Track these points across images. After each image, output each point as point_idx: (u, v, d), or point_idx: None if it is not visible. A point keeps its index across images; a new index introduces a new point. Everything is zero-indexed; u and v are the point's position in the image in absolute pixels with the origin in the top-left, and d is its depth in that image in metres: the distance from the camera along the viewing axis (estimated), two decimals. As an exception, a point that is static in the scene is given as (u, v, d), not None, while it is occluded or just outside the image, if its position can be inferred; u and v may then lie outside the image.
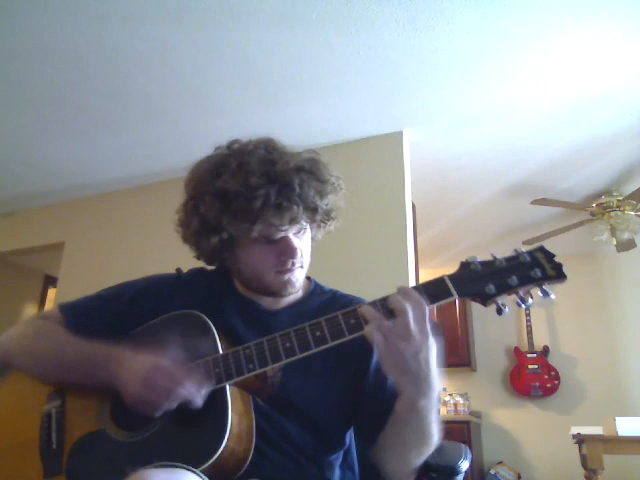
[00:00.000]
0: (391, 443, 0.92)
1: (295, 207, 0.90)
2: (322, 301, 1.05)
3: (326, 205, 0.96)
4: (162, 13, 2.06)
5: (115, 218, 3.57)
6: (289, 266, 0.95)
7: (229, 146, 0.99)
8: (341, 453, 1.00)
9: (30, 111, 2.71)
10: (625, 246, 3.89)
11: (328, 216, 1.01)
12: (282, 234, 0.93)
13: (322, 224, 1.03)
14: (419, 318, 0.79)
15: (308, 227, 0.99)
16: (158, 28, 2.14)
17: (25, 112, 2.72)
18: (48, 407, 0.94)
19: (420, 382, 0.81)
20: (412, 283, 2.67)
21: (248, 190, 0.88)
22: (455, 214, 3.98)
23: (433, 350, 0.81)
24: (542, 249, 0.86)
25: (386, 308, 0.81)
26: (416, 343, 0.78)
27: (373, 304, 0.83)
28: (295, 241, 0.94)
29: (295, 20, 2.09)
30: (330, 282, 1.12)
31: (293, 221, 0.91)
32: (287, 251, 0.93)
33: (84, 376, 0.93)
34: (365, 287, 1.20)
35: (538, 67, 2.38)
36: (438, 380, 0.84)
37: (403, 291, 0.81)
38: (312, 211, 0.94)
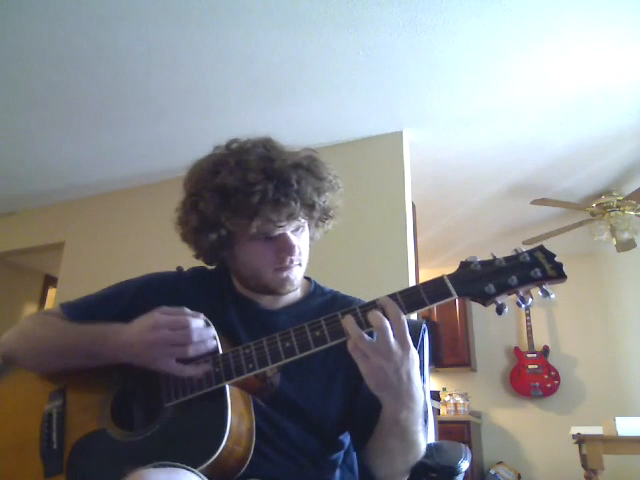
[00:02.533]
0: (378, 450, 0.92)
1: (293, 203, 0.90)
2: (322, 302, 1.05)
3: (324, 202, 0.97)
4: (162, 13, 2.06)
5: (115, 218, 3.57)
6: (287, 263, 0.95)
7: (228, 145, 0.99)
8: (341, 453, 0.99)
9: (30, 111, 2.72)
10: (625, 246, 3.89)
11: (326, 214, 1.01)
12: (280, 231, 0.93)
13: (320, 222, 1.03)
14: (399, 333, 0.80)
15: (306, 225, 0.99)
16: (158, 28, 2.14)
17: (25, 112, 2.73)
18: (49, 407, 0.94)
19: (402, 395, 0.82)
20: (412, 283, 2.67)
21: (246, 186, 0.89)
22: (455, 214, 3.98)
23: (415, 362, 0.82)
24: (542, 249, 0.86)
25: (367, 319, 0.82)
26: (397, 359, 0.79)
27: (354, 314, 0.83)
28: (293, 238, 0.94)
29: (296, 20, 2.10)
30: (330, 282, 1.13)
31: (291, 217, 0.92)
32: (285, 248, 0.94)
33: (87, 357, 0.93)
34: (365, 287, 1.20)
35: (538, 67, 2.38)
36: (421, 391, 0.85)
37: (382, 305, 0.82)
38: (310, 208, 0.94)
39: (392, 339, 0.79)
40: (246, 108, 2.68)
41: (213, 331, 0.87)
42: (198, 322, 0.86)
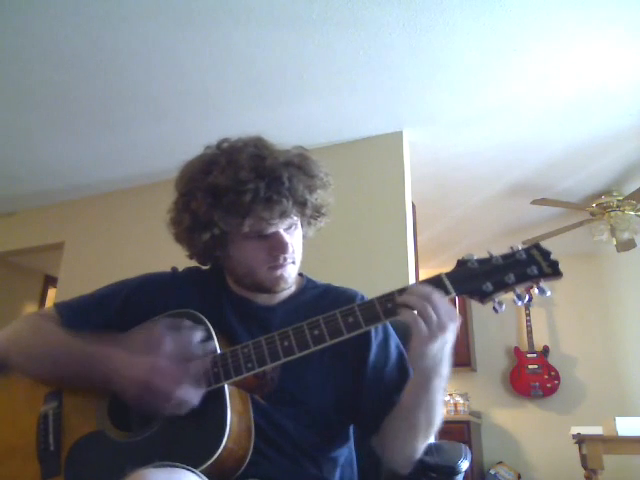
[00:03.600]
0: (397, 429, 0.92)
1: (285, 201, 0.90)
2: (315, 294, 1.06)
3: (315, 200, 0.97)
4: (162, 13, 2.06)
5: (115, 218, 3.57)
6: (281, 261, 0.95)
7: (219, 145, 1.00)
8: (342, 451, 1.00)
9: (30, 111, 2.71)
10: (625, 246, 3.89)
11: (318, 212, 1.02)
12: (273, 229, 0.94)
13: (312, 220, 1.03)
14: (448, 308, 0.82)
15: (299, 223, 1.00)
16: (158, 28, 2.14)
17: (25, 112, 2.72)
18: (45, 408, 0.94)
19: (440, 365, 0.85)
20: (412, 282, 2.66)
21: (238, 184, 0.89)
22: (455, 214, 3.98)
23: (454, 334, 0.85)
24: (538, 247, 0.86)
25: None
26: (449, 333, 0.82)
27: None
28: (286, 236, 0.95)
29: (295, 20, 2.09)
30: (330, 281, 1.12)
31: (283, 215, 0.92)
32: (278, 246, 0.94)
33: (80, 377, 0.92)
34: (365, 287, 1.20)
35: (538, 67, 2.38)
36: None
37: (421, 287, 0.84)
38: (302, 205, 0.95)
39: (444, 313, 0.81)
40: (246, 108, 2.68)
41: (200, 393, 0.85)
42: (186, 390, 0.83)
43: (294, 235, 0.98)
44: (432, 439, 0.94)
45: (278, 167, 0.91)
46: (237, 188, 0.89)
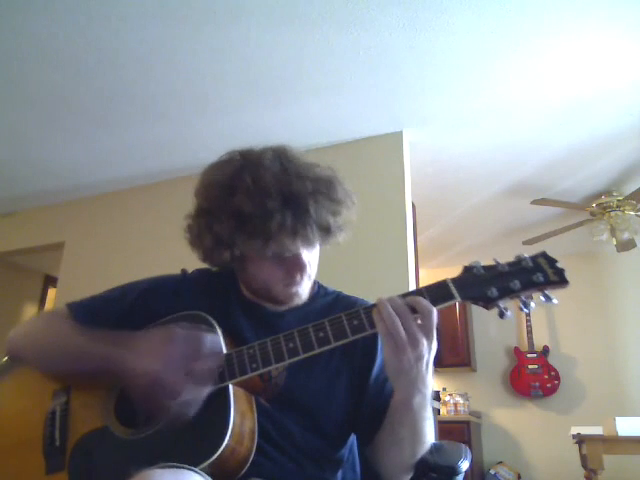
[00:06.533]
0: (387, 442, 0.93)
1: (309, 230, 0.89)
2: (326, 302, 1.06)
3: (338, 222, 0.96)
4: (162, 13, 2.06)
5: (115, 218, 3.57)
6: (297, 280, 0.96)
7: (243, 155, 0.97)
8: (344, 453, 1.00)
9: (30, 111, 2.72)
10: (625, 246, 3.89)
11: (339, 230, 1.00)
12: (294, 252, 0.93)
13: (332, 238, 1.02)
14: (429, 324, 0.82)
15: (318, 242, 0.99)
16: (158, 28, 2.14)
17: (25, 112, 2.73)
18: (53, 404, 0.95)
19: (417, 382, 0.84)
20: (412, 283, 2.67)
21: (264, 212, 0.87)
22: (455, 214, 3.98)
23: (434, 352, 0.85)
24: (544, 255, 0.87)
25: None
26: (422, 349, 0.82)
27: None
28: (305, 256, 0.95)
29: (295, 20, 2.10)
30: (330, 282, 1.13)
31: (306, 243, 0.92)
32: (297, 267, 0.94)
33: (93, 373, 0.93)
34: (365, 287, 1.20)
35: (538, 67, 2.38)
36: (432, 377, 0.88)
37: (413, 301, 0.83)
38: (325, 230, 0.93)
39: (420, 330, 0.82)
40: (245, 108, 2.68)
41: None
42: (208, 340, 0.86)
43: (312, 252, 0.98)
44: (423, 453, 0.93)
45: (305, 196, 0.89)
46: (262, 216, 0.87)
